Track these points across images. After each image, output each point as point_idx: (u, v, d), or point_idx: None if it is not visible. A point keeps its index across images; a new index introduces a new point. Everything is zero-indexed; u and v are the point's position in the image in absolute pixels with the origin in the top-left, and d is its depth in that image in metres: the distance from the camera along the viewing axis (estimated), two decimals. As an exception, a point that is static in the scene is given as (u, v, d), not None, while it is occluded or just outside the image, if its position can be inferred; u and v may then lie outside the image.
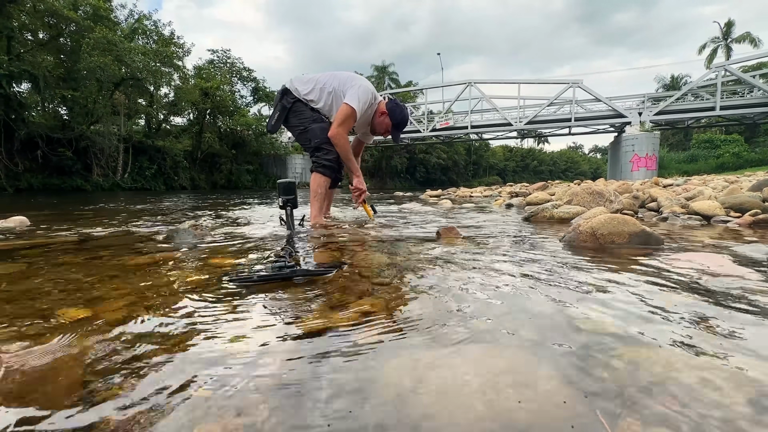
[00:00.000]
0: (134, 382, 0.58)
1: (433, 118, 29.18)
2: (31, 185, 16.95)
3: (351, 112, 2.48)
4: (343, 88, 2.57)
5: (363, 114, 2.59)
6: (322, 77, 2.68)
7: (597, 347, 0.68)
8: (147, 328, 0.78)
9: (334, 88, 2.61)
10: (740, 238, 1.92)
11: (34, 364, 0.63)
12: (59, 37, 18.35)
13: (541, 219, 2.87)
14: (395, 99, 2.82)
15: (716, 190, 4.15)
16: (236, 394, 0.55)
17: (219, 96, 27.91)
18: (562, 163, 76.94)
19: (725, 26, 34.42)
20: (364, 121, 2.74)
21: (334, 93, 2.61)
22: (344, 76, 2.65)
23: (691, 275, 1.16)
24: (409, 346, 0.70)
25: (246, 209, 4.80)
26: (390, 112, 2.69)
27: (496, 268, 1.29)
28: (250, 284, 1.10)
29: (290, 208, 2.12)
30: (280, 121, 2.73)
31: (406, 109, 2.75)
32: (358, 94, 2.50)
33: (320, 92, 2.64)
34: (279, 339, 0.74)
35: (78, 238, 2.10)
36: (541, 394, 0.54)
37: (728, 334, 0.73)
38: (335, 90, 2.61)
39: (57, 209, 5.04)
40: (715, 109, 21.72)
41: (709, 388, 0.55)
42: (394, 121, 2.70)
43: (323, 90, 2.64)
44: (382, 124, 2.72)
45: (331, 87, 2.62)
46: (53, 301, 0.96)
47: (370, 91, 2.60)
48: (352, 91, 2.52)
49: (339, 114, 2.50)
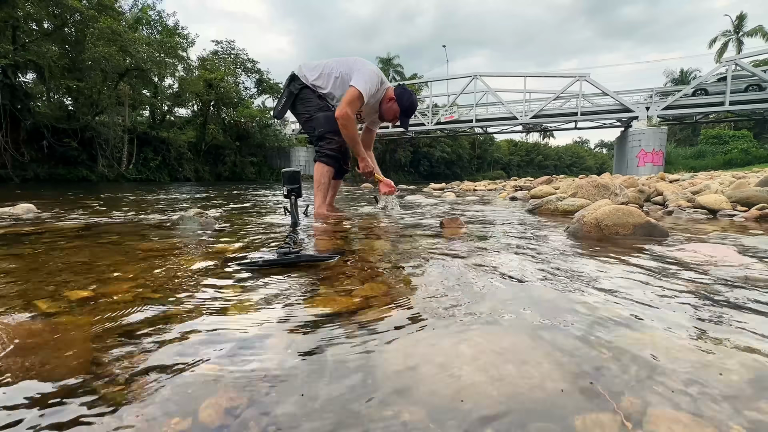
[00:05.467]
0: (141, 357, 0.59)
1: (438, 111, 28.95)
2: (37, 175, 17.06)
3: (357, 94, 2.44)
4: (350, 72, 2.54)
5: (371, 99, 2.55)
6: (329, 62, 2.65)
7: (600, 331, 0.69)
8: (153, 308, 0.80)
9: (341, 73, 2.58)
10: (746, 231, 1.91)
11: (45, 338, 0.65)
12: (64, 27, 18.30)
13: (545, 211, 2.86)
14: (403, 85, 2.77)
15: (723, 185, 4.11)
16: (240, 370, 0.56)
17: (223, 87, 27.80)
18: (567, 158, 76.30)
19: (737, 19, 33.71)
20: (372, 107, 2.70)
21: (341, 78, 2.58)
22: (351, 61, 2.61)
23: (696, 264, 1.16)
24: (409, 328, 0.71)
25: (250, 199, 4.81)
26: (398, 98, 2.65)
27: (498, 256, 1.29)
28: (255, 268, 1.11)
29: (294, 198, 2.12)
30: (287, 108, 2.71)
31: (414, 95, 2.70)
32: (365, 78, 2.46)
33: (327, 78, 2.61)
34: (282, 321, 0.75)
35: (85, 225, 2.13)
36: (544, 374, 0.55)
37: (731, 320, 0.74)
38: (342, 75, 2.58)
39: (63, 198, 5.08)
40: (725, 104, 21.39)
41: (710, 370, 0.56)
42: (402, 107, 2.65)
43: (330, 75, 2.61)
44: (390, 110, 2.68)
45: (338, 72, 2.59)
46: (61, 281, 0.98)
47: (378, 75, 2.55)
48: (359, 75, 2.48)
49: (346, 96, 2.46)
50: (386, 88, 2.67)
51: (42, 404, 0.48)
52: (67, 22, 18.30)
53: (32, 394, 0.50)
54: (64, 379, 0.53)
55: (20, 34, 17.19)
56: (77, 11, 17.78)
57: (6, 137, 16.41)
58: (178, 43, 22.78)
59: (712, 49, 35.31)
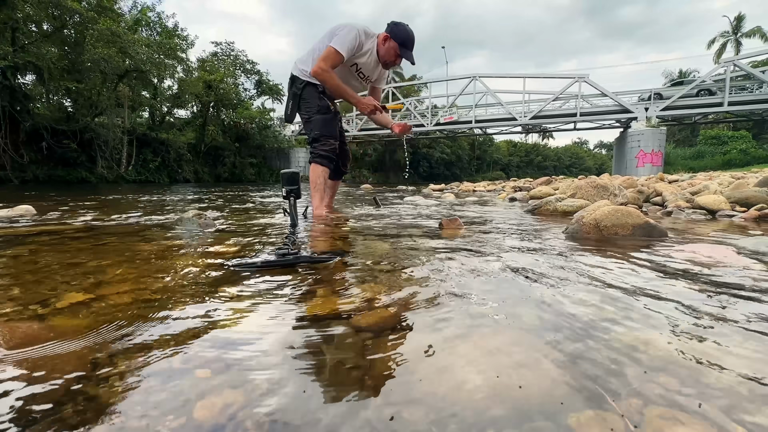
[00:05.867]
0: (139, 360, 0.59)
1: (437, 112, 28.99)
2: (36, 177, 17.04)
3: (332, 50, 2.36)
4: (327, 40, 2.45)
5: (360, 55, 2.47)
6: (315, 44, 2.56)
7: (598, 332, 0.68)
8: (151, 311, 0.79)
9: (319, 49, 2.49)
10: (745, 232, 1.91)
11: (41, 341, 0.64)
12: (63, 28, 18.30)
13: (544, 212, 2.86)
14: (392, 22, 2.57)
15: (722, 186, 4.11)
16: (235, 373, 0.56)
17: (222, 89, 27.82)
18: (566, 159, 76.37)
19: (735, 20, 33.80)
20: (371, 62, 2.58)
21: (319, 51, 2.48)
22: (332, 29, 2.49)
23: (695, 265, 1.16)
24: (409, 330, 0.71)
25: (249, 200, 4.81)
26: (392, 35, 2.51)
27: (497, 257, 1.29)
28: (254, 270, 1.11)
29: (293, 199, 2.12)
30: (295, 110, 2.66)
31: (408, 26, 2.54)
32: (340, 37, 2.38)
33: (313, 61, 2.50)
34: (279, 322, 0.75)
35: (84, 226, 2.12)
36: (543, 375, 0.55)
37: (730, 321, 0.74)
38: (319, 49, 2.48)
39: (63, 199, 5.07)
40: (723, 104, 21.44)
41: (710, 370, 0.56)
42: (398, 40, 2.51)
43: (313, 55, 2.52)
44: (389, 50, 2.54)
45: (319, 48, 2.49)
46: (59, 284, 0.98)
47: (355, 29, 2.43)
48: (335, 37, 2.40)
49: (321, 54, 2.39)
50: (375, 36, 2.56)
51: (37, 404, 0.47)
52: (67, 24, 18.29)
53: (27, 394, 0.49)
54: (58, 381, 0.53)
55: (20, 35, 17.19)
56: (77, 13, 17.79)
57: (5, 139, 16.40)
58: (177, 45, 22.80)
59: (711, 49, 35.42)
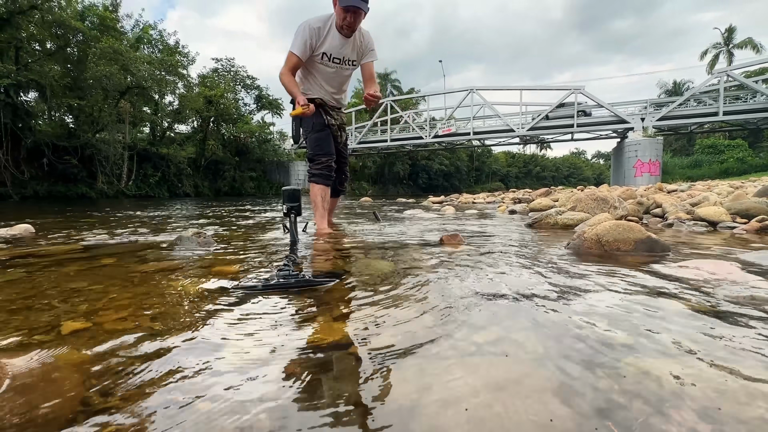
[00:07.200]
0: (135, 394, 0.57)
1: (435, 124, 29.28)
2: (37, 193, 17.08)
3: (288, 53, 2.46)
4: None
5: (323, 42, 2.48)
6: None
7: (604, 358, 0.67)
8: (148, 339, 0.78)
9: None
10: (747, 245, 1.90)
11: (36, 375, 0.63)
12: (66, 47, 18.62)
13: (544, 225, 2.85)
14: None
15: (721, 196, 4.12)
16: (236, 406, 0.54)
17: (223, 104, 28.16)
18: (564, 169, 76.85)
19: (726, 32, 34.46)
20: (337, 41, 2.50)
21: None
22: None
23: (700, 283, 1.14)
24: (407, 355, 0.69)
25: (249, 216, 4.80)
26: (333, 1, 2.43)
27: (499, 276, 1.28)
28: (255, 293, 1.09)
29: (294, 216, 2.11)
30: (299, 129, 2.73)
31: None
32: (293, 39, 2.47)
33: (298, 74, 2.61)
34: (279, 351, 0.73)
35: (82, 247, 2.11)
36: (548, 406, 0.53)
37: (741, 345, 0.72)
38: None
39: (62, 217, 5.07)
40: (718, 114, 21.68)
41: (723, 400, 0.54)
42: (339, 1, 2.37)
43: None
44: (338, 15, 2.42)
45: None
46: (55, 310, 0.96)
47: (302, 24, 2.46)
48: None
49: None
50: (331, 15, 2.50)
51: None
52: (70, 42, 18.62)
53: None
54: (56, 415, 0.51)
55: (23, 54, 17.46)
56: (80, 32, 18.12)
57: (6, 155, 16.50)
58: (178, 61, 23.17)
59: (704, 60, 36.01)
